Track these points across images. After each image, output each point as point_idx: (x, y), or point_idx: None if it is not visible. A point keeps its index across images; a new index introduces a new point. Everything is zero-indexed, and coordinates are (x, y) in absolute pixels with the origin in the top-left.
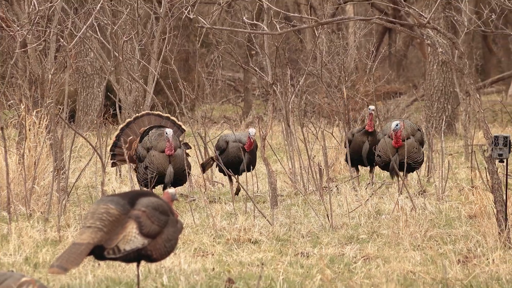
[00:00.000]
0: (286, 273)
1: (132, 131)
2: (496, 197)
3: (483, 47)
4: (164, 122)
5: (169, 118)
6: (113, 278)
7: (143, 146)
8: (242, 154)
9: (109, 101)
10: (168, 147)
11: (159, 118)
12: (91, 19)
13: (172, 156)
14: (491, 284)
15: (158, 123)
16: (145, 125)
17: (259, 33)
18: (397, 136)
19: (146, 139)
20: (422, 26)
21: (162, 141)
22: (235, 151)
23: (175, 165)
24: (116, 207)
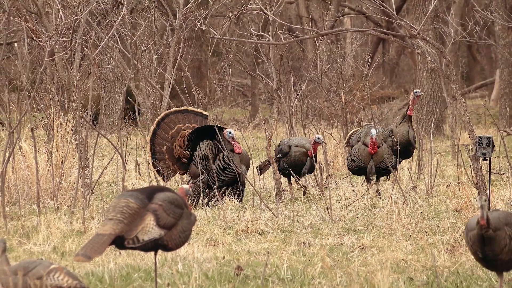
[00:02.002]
0: (289, 261)
1: (162, 138)
2: (480, 192)
3: (468, 56)
4: (186, 116)
5: (187, 110)
6: (133, 266)
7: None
8: (305, 158)
9: (129, 105)
10: (237, 146)
11: (180, 113)
12: (112, 31)
13: (241, 154)
14: (475, 271)
15: (181, 118)
16: (172, 127)
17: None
18: (373, 143)
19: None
20: (413, 37)
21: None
22: (298, 155)
23: (245, 164)
24: (135, 201)
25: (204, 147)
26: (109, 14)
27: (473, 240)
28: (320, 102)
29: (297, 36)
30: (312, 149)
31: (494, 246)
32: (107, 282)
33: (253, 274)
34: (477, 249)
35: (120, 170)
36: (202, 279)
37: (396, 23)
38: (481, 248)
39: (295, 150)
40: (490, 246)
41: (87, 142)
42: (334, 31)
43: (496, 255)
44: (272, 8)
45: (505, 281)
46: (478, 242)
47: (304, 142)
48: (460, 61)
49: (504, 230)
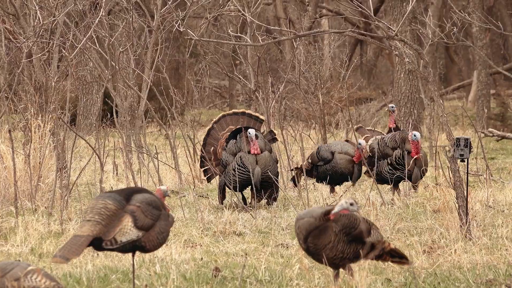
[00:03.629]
0: (267, 262)
1: (213, 138)
2: (458, 193)
3: (445, 57)
4: (241, 118)
5: (244, 113)
6: (111, 267)
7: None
8: (351, 166)
9: (107, 106)
10: (253, 147)
11: (235, 116)
12: (90, 32)
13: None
14: (453, 272)
15: (235, 120)
16: (224, 128)
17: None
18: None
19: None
20: (391, 38)
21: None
22: (344, 162)
23: (262, 165)
24: (113, 203)
25: (229, 147)
26: (86, 16)
27: (301, 227)
28: (298, 103)
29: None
30: (356, 155)
31: (324, 237)
32: (85, 283)
33: (231, 275)
34: (302, 236)
35: (98, 171)
36: (180, 280)
37: (374, 24)
38: (306, 234)
39: (340, 157)
40: (321, 236)
41: (65, 144)
42: (312, 33)
43: (319, 249)
44: (250, 10)
45: (483, 282)
46: (307, 229)
47: (348, 148)
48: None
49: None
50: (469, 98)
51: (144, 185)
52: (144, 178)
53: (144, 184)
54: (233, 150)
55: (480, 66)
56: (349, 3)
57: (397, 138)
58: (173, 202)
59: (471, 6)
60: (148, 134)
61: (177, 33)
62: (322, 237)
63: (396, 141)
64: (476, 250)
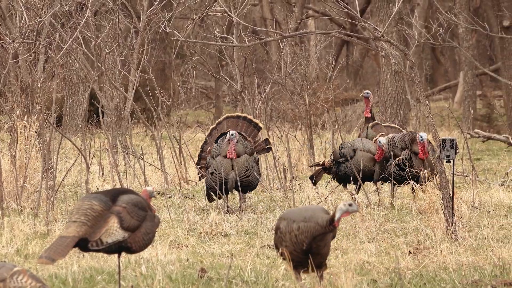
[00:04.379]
0: (253, 263)
1: (213, 138)
2: (443, 194)
3: (431, 58)
4: (241, 122)
5: (245, 118)
6: (96, 268)
7: (211, 155)
8: (373, 164)
9: (93, 107)
10: (229, 151)
11: (237, 119)
12: (76, 33)
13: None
14: (439, 273)
15: (235, 124)
16: (224, 130)
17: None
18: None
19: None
20: (377, 39)
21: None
22: (365, 160)
23: (238, 170)
24: (99, 204)
25: (212, 150)
26: (73, 16)
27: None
28: (284, 104)
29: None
30: (378, 153)
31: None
32: (71, 284)
33: (217, 276)
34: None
35: (84, 172)
36: (166, 281)
37: (360, 25)
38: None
39: (362, 155)
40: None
41: (50, 145)
42: (298, 34)
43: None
44: (236, 10)
45: (468, 283)
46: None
47: (371, 146)
48: (424, 64)
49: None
50: (455, 99)
51: (130, 186)
52: (130, 179)
53: (130, 185)
54: (215, 153)
55: (466, 67)
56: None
57: (407, 138)
58: (159, 203)
59: (457, 7)
60: (134, 135)
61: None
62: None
63: (406, 141)
64: (462, 251)
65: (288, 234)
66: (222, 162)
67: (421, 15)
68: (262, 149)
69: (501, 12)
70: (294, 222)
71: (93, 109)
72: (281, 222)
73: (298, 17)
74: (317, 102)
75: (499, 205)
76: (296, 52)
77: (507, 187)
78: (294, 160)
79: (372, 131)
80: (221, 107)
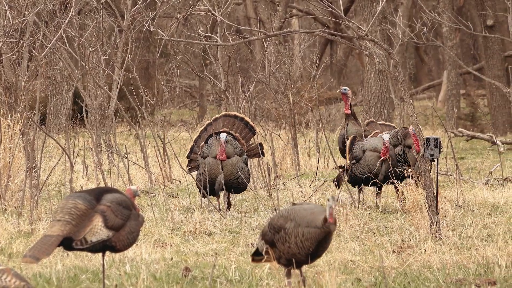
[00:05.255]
0: (238, 262)
1: (207, 133)
2: (427, 193)
3: (415, 57)
4: (237, 123)
5: (242, 119)
6: (81, 267)
7: (200, 154)
8: (380, 163)
9: (77, 106)
10: (220, 152)
11: (234, 119)
12: (60, 32)
13: (224, 161)
14: (423, 271)
15: (231, 124)
16: (219, 128)
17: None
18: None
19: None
20: (361, 38)
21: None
22: (372, 160)
23: (227, 172)
24: (83, 203)
25: (202, 151)
26: (56, 15)
27: (307, 237)
28: (268, 103)
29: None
30: (382, 151)
31: (328, 243)
32: (55, 283)
33: (201, 275)
34: (310, 246)
35: (68, 171)
36: (150, 280)
37: (344, 24)
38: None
39: (370, 155)
40: (325, 243)
41: (34, 143)
42: (282, 33)
43: (325, 250)
44: (220, 9)
45: (452, 282)
46: (316, 239)
47: (378, 144)
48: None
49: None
50: (439, 98)
51: (114, 185)
52: (114, 178)
53: (114, 184)
54: (204, 153)
55: (450, 66)
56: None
57: (399, 135)
58: (143, 202)
59: (441, 6)
60: (118, 134)
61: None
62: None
63: (398, 138)
64: (446, 250)
65: (294, 238)
66: (211, 163)
67: (404, 14)
68: (255, 153)
69: (484, 11)
70: (300, 226)
71: (77, 108)
72: (287, 223)
73: (282, 16)
74: (301, 101)
75: (483, 204)
76: (280, 51)
77: (491, 186)
78: (278, 159)
79: (352, 128)
80: (205, 106)
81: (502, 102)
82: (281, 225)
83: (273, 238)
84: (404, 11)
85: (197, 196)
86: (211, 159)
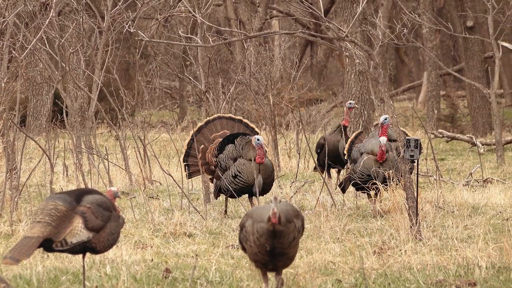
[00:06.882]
0: (218, 263)
1: (204, 137)
2: (408, 194)
3: (395, 58)
4: (237, 125)
5: (241, 121)
6: (61, 268)
7: (228, 155)
8: (377, 166)
9: (57, 107)
10: (259, 155)
11: (231, 121)
12: (40, 33)
13: (262, 164)
14: (403, 272)
15: (230, 126)
16: (218, 130)
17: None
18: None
19: (231, 148)
20: (341, 39)
21: (252, 149)
22: (368, 163)
23: (264, 174)
24: (63, 204)
25: (227, 152)
26: (37, 17)
27: (260, 233)
28: (249, 104)
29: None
30: (379, 154)
31: (284, 239)
32: (35, 285)
33: (182, 276)
34: (265, 242)
35: (48, 172)
36: (131, 281)
37: (324, 25)
38: (270, 240)
39: (366, 158)
40: (280, 238)
41: (14, 145)
42: (262, 34)
43: (284, 248)
44: (200, 11)
45: (433, 283)
46: (267, 235)
47: (374, 147)
48: (388, 64)
49: (293, 222)
50: (419, 99)
51: (95, 186)
52: (94, 179)
53: (95, 185)
54: (234, 155)
55: (430, 67)
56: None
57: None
58: (123, 203)
59: (421, 7)
60: (98, 135)
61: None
62: (285, 238)
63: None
64: (426, 251)
65: (251, 236)
66: (248, 165)
67: (385, 15)
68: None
69: (464, 12)
70: (255, 223)
71: (57, 109)
72: (247, 220)
73: (262, 17)
74: (282, 102)
75: (463, 205)
76: (260, 52)
77: (471, 187)
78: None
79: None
80: (185, 107)
81: (482, 103)
82: (243, 223)
83: (240, 236)
84: (384, 12)
85: (177, 197)
86: (245, 161)
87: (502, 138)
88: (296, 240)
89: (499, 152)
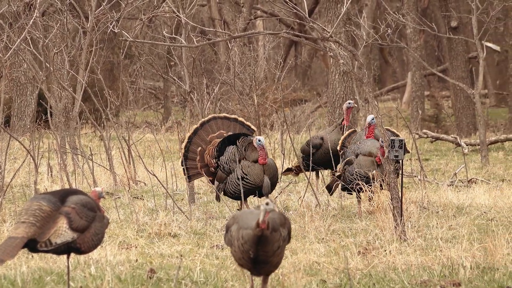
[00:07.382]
0: (203, 264)
1: (200, 139)
2: (392, 194)
3: (380, 58)
4: (232, 124)
5: (236, 120)
6: (45, 269)
7: (230, 157)
8: (373, 167)
9: (41, 107)
10: (262, 156)
11: (227, 120)
12: (24, 33)
13: (265, 165)
14: (388, 273)
15: (226, 125)
16: (214, 131)
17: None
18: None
19: (233, 150)
20: (325, 40)
21: (254, 150)
22: (366, 165)
23: (269, 174)
24: (48, 204)
25: (229, 154)
26: (20, 17)
27: (245, 239)
28: (233, 104)
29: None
30: (380, 153)
31: (268, 247)
32: (20, 285)
33: (166, 277)
34: (249, 249)
35: (32, 173)
36: (115, 282)
37: (309, 26)
38: (254, 247)
39: (363, 159)
40: (264, 247)
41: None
42: (246, 34)
43: (268, 256)
44: (184, 11)
45: (417, 283)
46: (252, 241)
47: (372, 148)
48: (372, 64)
49: (279, 231)
50: (404, 99)
51: (79, 186)
52: (79, 179)
53: (79, 186)
54: (237, 157)
55: (414, 67)
56: (283, 4)
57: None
58: (108, 204)
59: (405, 7)
60: (82, 135)
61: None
62: (269, 245)
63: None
64: (410, 251)
65: (236, 241)
66: (253, 167)
67: (369, 16)
68: None
69: (448, 12)
70: (240, 229)
71: (42, 110)
72: (233, 224)
73: (247, 18)
74: (266, 102)
75: (447, 205)
76: (244, 53)
77: (455, 187)
78: None
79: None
80: (169, 108)
81: (466, 103)
82: (229, 226)
83: (225, 238)
84: (368, 13)
85: (162, 198)
86: (249, 163)
87: (486, 138)
88: (281, 249)
89: (484, 152)
